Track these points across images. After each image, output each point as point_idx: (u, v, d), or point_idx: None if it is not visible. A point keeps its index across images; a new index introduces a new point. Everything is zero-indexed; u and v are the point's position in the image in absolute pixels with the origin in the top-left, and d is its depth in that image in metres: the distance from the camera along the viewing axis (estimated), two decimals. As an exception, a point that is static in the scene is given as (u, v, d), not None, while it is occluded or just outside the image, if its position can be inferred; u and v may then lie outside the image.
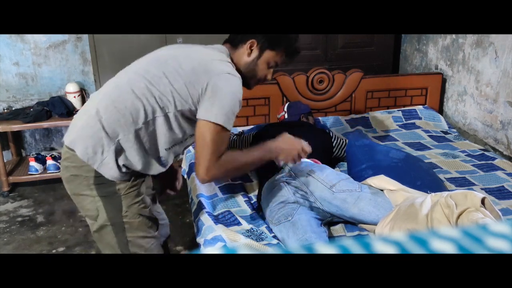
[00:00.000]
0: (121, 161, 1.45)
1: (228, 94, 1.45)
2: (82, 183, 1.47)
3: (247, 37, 1.56)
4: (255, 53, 1.58)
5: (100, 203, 1.48)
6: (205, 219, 1.81)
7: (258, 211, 1.94)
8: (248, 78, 1.61)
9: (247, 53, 1.58)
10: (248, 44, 1.57)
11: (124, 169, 1.47)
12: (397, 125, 3.00)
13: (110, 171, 1.45)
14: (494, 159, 2.47)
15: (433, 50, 3.32)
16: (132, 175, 1.50)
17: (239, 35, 1.58)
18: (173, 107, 1.46)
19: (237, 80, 1.48)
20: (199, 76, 1.45)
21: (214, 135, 1.45)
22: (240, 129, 2.88)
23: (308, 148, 1.68)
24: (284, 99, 3.01)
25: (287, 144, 1.66)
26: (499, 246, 0.34)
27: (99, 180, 1.46)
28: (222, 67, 1.48)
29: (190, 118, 1.50)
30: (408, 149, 2.62)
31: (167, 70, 1.46)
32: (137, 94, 1.43)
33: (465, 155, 2.56)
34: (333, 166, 2.25)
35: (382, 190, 1.83)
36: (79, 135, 1.45)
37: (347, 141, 2.43)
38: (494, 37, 2.67)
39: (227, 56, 1.56)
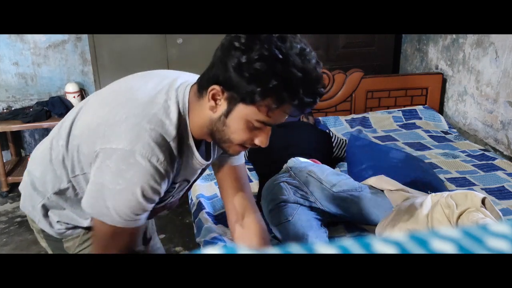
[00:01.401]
0: (55, 218, 1.19)
1: (117, 185, 0.97)
2: (38, 234, 1.28)
3: (205, 80, 0.99)
4: (222, 106, 0.98)
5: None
6: (205, 220, 1.81)
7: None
8: (220, 142, 1.05)
9: (209, 106, 0.99)
10: (209, 93, 0.98)
11: (63, 226, 1.20)
12: (397, 125, 3.00)
13: (47, 228, 1.21)
14: (494, 159, 2.47)
15: (433, 50, 3.32)
16: (83, 231, 1.22)
17: (204, 76, 1.01)
18: (80, 170, 1.09)
19: (145, 167, 0.96)
20: (95, 140, 1.01)
21: (103, 233, 1.05)
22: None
23: None
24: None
25: None
26: (500, 246, 0.34)
27: (47, 235, 1.24)
28: (129, 138, 0.96)
29: None
30: (408, 149, 2.62)
31: (81, 123, 1.09)
32: (57, 150, 1.13)
33: (465, 155, 2.56)
34: (333, 166, 2.25)
35: (382, 190, 1.83)
36: (23, 184, 1.25)
37: (347, 141, 2.43)
38: (494, 37, 2.67)
39: (174, 115, 1.01)
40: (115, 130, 0.98)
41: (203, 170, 1.22)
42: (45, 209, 1.19)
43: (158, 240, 1.60)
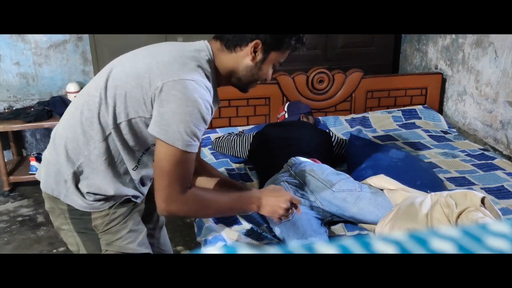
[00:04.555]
0: (84, 189, 1.28)
1: (186, 107, 1.16)
2: (59, 216, 1.34)
3: (248, 38, 1.29)
4: (259, 55, 1.31)
5: (78, 238, 1.35)
6: (206, 219, 1.81)
7: (259, 211, 1.94)
8: (247, 83, 1.38)
9: (251, 57, 1.31)
10: (251, 47, 1.29)
11: (91, 197, 1.29)
12: (397, 124, 3.00)
13: (77, 201, 1.29)
14: (493, 158, 2.47)
15: (433, 50, 3.33)
16: (112, 204, 1.33)
17: (237, 36, 1.30)
18: (125, 116, 1.23)
19: (201, 90, 1.19)
20: (153, 79, 1.19)
21: (172, 159, 1.19)
22: (240, 128, 2.88)
23: (297, 200, 1.45)
24: (284, 99, 3.01)
25: (271, 201, 1.39)
26: (499, 245, 0.34)
27: (74, 214, 1.31)
28: (184, 72, 1.19)
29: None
30: (408, 149, 2.62)
31: (119, 72, 1.26)
32: (91, 107, 1.25)
33: (465, 155, 2.56)
34: (333, 165, 2.25)
35: (382, 190, 1.84)
36: (43, 164, 1.34)
37: (347, 140, 2.43)
38: (494, 37, 2.67)
39: (206, 57, 1.28)
40: (170, 68, 1.19)
41: None
42: (76, 179, 1.27)
43: (166, 233, 1.68)
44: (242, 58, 1.32)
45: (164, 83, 1.17)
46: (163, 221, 1.64)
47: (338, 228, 1.81)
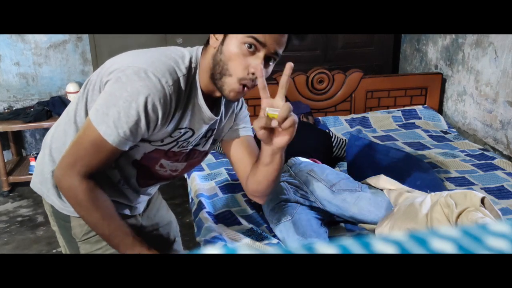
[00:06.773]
0: None
1: (125, 95, 1.01)
2: (50, 216, 1.32)
3: None
4: (220, 37, 1.09)
5: (64, 242, 1.32)
6: (205, 219, 1.81)
7: (258, 211, 1.94)
8: (219, 79, 1.09)
9: (211, 44, 1.10)
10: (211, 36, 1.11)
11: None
12: (396, 125, 3.00)
13: (55, 202, 1.24)
14: (493, 158, 2.47)
15: (433, 50, 3.33)
16: None
17: None
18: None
19: (151, 81, 1.01)
20: (111, 66, 1.08)
21: (90, 140, 1.06)
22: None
23: None
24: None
25: None
26: (499, 245, 0.34)
27: (57, 216, 1.28)
28: (146, 63, 1.04)
29: None
30: (408, 149, 2.63)
31: (94, 74, 1.17)
32: (72, 107, 1.20)
33: (465, 155, 2.56)
34: (333, 165, 2.25)
35: (381, 190, 1.84)
36: (36, 162, 1.32)
37: (346, 140, 2.43)
38: (494, 37, 2.67)
39: (186, 63, 1.10)
40: (135, 58, 1.07)
41: (210, 135, 1.28)
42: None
43: (181, 244, 1.63)
44: (210, 48, 1.11)
45: (116, 68, 1.05)
46: (177, 234, 1.57)
47: (338, 228, 1.82)
